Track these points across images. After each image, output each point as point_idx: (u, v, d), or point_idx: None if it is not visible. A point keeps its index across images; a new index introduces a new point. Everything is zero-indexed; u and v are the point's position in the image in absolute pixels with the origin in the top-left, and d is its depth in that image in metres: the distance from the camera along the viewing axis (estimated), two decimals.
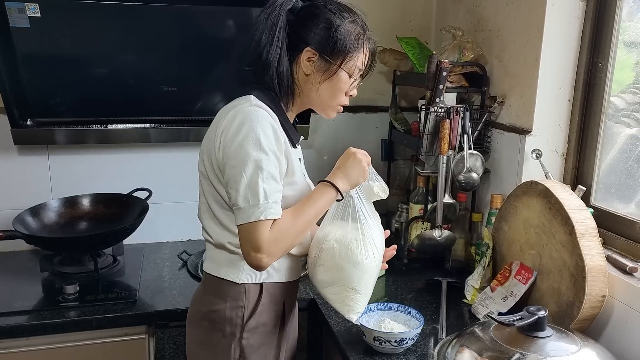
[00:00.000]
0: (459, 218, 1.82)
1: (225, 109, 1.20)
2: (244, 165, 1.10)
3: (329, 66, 1.20)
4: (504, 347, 1.13)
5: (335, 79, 1.22)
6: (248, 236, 1.10)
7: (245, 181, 1.10)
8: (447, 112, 1.70)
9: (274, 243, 1.11)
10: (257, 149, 1.10)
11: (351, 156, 1.24)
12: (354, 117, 2.19)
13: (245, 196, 1.09)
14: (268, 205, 1.10)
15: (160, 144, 2.01)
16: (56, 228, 1.87)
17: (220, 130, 1.15)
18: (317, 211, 1.18)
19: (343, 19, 1.20)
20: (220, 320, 1.23)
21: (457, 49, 1.83)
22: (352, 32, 1.20)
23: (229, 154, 1.12)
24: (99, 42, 1.78)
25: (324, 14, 1.19)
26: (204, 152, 1.21)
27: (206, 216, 1.25)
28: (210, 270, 1.26)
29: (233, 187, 1.11)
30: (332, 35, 1.18)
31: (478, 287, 1.59)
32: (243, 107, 1.16)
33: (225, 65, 1.92)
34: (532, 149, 1.61)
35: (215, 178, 1.19)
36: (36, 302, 1.58)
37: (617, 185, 1.53)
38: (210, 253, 1.27)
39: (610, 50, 1.50)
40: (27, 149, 1.91)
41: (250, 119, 1.13)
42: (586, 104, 1.59)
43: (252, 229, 1.09)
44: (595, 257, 1.27)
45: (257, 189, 1.09)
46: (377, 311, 1.46)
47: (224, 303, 1.23)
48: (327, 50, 1.19)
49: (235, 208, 1.12)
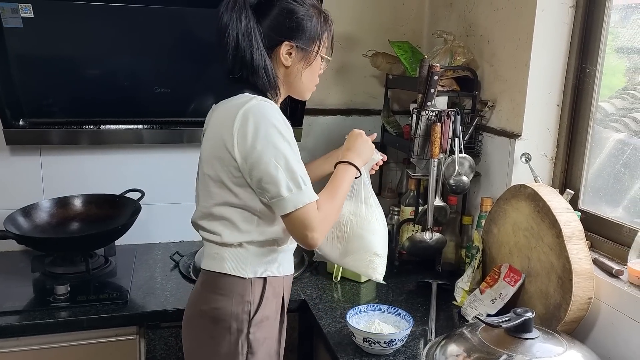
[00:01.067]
0: (450, 221, 1.84)
1: (227, 110, 1.20)
2: (277, 158, 1.14)
3: (307, 54, 1.26)
4: (492, 348, 1.14)
5: (314, 65, 1.29)
6: (301, 220, 1.16)
7: (283, 172, 1.14)
8: (438, 116, 1.72)
9: (323, 222, 1.20)
10: (282, 140, 1.15)
11: (359, 136, 1.37)
12: (347, 120, 2.21)
13: (287, 186, 1.14)
14: (308, 189, 1.18)
15: (153, 145, 2.01)
16: (48, 228, 1.86)
17: (235, 131, 1.15)
18: (345, 189, 1.29)
19: (307, 7, 1.24)
20: (225, 317, 1.23)
21: (448, 53, 1.85)
22: (319, 16, 1.26)
23: (256, 153, 1.14)
24: (92, 43, 1.79)
25: (294, 7, 1.22)
26: (212, 156, 1.21)
27: (210, 218, 1.25)
28: (214, 268, 1.25)
29: (270, 182, 1.14)
30: (306, 25, 1.23)
31: (467, 289, 1.60)
32: (251, 104, 1.17)
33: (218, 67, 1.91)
34: (522, 152, 1.63)
35: (230, 180, 1.20)
36: (27, 302, 1.58)
37: (604, 190, 1.55)
38: (213, 251, 1.26)
39: (598, 56, 1.52)
40: (19, 149, 1.91)
41: (265, 113, 1.16)
42: (575, 108, 1.61)
43: (303, 213, 1.16)
44: (581, 260, 1.29)
45: (296, 176, 1.15)
46: (367, 312, 1.47)
47: (229, 299, 1.23)
48: (303, 41, 1.24)
49: (277, 200, 1.15)
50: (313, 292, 1.70)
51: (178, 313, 1.53)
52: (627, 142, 1.51)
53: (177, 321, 1.48)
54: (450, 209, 1.81)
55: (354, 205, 1.44)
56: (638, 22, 1.50)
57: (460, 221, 1.87)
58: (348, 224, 1.42)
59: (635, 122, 1.51)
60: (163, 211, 2.07)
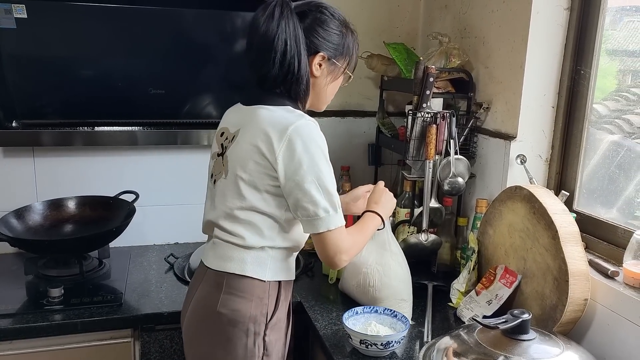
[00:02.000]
0: (445, 222, 1.84)
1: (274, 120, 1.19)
2: (319, 180, 1.18)
3: (336, 68, 1.30)
4: (488, 349, 1.14)
5: (339, 80, 1.34)
6: (334, 241, 1.21)
7: (323, 194, 1.18)
8: (433, 118, 1.72)
9: (353, 247, 1.27)
10: (326, 163, 1.20)
11: (383, 191, 1.45)
12: (342, 122, 2.21)
13: (325, 207, 1.18)
14: (340, 213, 1.22)
15: (148, 147, 2.00)
16: (41, 231, 1.85)
17: (281, 146, 1.16)
18: (370, 233, 1.38)
19: (341, 21, 1.29)
20: (243, 320, 1.22)
21: (443, 55, 1.85)
22: (351, 37, 1.31)
23: (302, 173, 1.16)
24: (86, 43, 1.78)
25: (332, 21, 1.26)
26: (249, 159, 1.20)
27: (234, 220, 1.24)
28: (232, 269, 1.24)
29: (310, 202, 1.18)
30: (342, 42, 1.28)
31: (463, 291, 1.60)
32: (301, 123, 1.18)
33: (213, 69, 1.92)
34: (517, 154, 1.63)
35: (263, 187, 1.21)
36: (20, 305, 1.57)
37: (599, 191, 1.56)
38: (232, 252, 1.25)
39: (592, 58, 1.53)
40: (12, 150, 1.89)
41: (313, 136, 1.19)
42: (569, 110, 1.62)
43: (336, 234, 1.21)
44: (577, 261, 1.30)
45: (333, 199, 1.20)
46: (364, 314, 1.47)
47: (249, 302, 1.23)
48: (334, 54, 1.28)
49: (314, 219, 1.19)
50: (309, 294, 1.70)
51: (173, 315, 1.52)
52: (621, 143, 1.52)
53: (172, 324, 1.47)
54: (445, 210, 1.81)
55: (378, 254, 1.57)
56: (630, 25, 1.51)
57: (455, 222, 1.87)
58: (376, 275, 1.55)
59: (629, 124, 1.51)
60: (157, 213, 2.06)
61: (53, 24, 1.73)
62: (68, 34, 1.76)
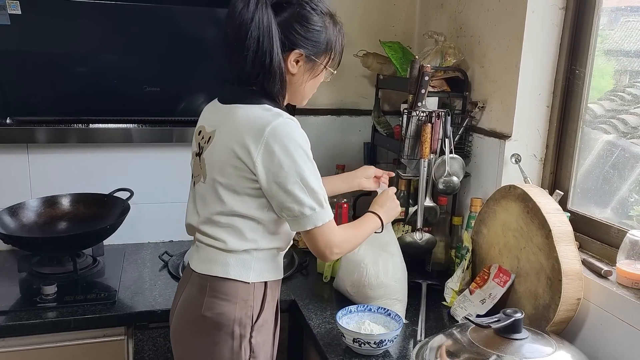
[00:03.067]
0: (440, 221, 1.84)
1: (250, 122, 1.15)
2: (302, 179, 1.15)
3: (315, 65, 1.24)
4: (481, 348, 1.14)
5: (319, 77, 1.28)
6: (322, 237, 1.20)
7: (306, 192, 1.16)
8: (428, 116, 1.72)
9: (346, 241, 1.26)
10: (307, 160, 1.17)
11: (391, 197, 1.45)
12: (337, 120, 2.20)
13: (310, 205, 1.16)
14: (327, 207, 1.20)
15: (143, 144, 2.00)
16: (35, 228, 1.84)
17: (259, 147, 1.12)
18: (366, 232, 1.36)
19: (326, 20, 1.23)
20: (228, 323, 1.21)
21: (439, 54, 1.85)
22: (335, 31, 1.25)
23: (283, 174, 1.14)
24: (80, 40, 1.78)
25: (311, 15, 1.19)
26: (227, 164, 1.17)
27: (215, 224, 1.22)
28: (216, 272, 1.22)
29: (294, 202, 1.16)
30: (319, 37, 1.21)
31: (457, 290, 1.60)
32: (278, 122, 1.14)
33: (208, 66, 1.92)
34: (512, 153, 1.63)
35: (242, 191, 1.18)
36: (13, 302, 1.56)
37: (593, 190, 1.56)
38: (214, 256, 1.23)
39: (587, 58, 1.53)
40: (6, 147, 1.88)
41: (292, 135, 1.15)
42: (564, 110, 1.62)
43: (325, 230, 1.20)
44: (571, 261, 1.30)
45: (318, 196, 1.18)
46: (357, 313, 1.47)
47: (233, 304, 1.21)
48: (313, 51, 1.22)
49: (300, 217, 1.17)
50: (303, 293, 1.70)
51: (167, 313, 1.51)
52: (616, 143, 1.52)
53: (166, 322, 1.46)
54: (440, 209, 1.81)
55: (376, 253, 1.58)
56: (626, 25, 1.51)
57: (450, 221, 1.87)
58: (372, 273, 1.56)
59: (624, 124, 1.52)
60: (152, 211, 2.05)
61: (47, 20, 1.72)
62: (62, 31, 1.75)
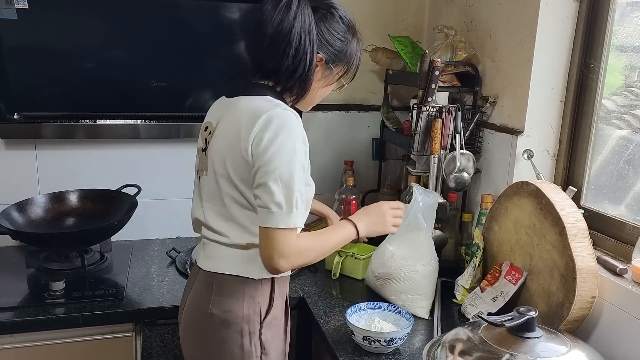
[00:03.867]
0: (450, 218, 1.82)
1: (250, 112, 1.14)
2: (281, 171, 1.10)
3: (331, 74, 1.25)
4: (494, 347, 1.12)
5: (331, 85, 1.29)
6: (276, 241, 1.11)
7: (281, 187, 1.10)
8: (439, 112, 1.70)
9: (298, 255, 1.14)
10: (294, 156, 1.12)
11: (379, 211, 1.32)
12: (346, 116, 2.18)
13: (278, 202, 1.10)
14: (299, 214, 1.12)
15: (150, 140, 1.99)
16: (43, 224, 1.84)
17: (252, 135, 1.11)
18: (334, 244, 1.25)
19: (349, 27, 1.23)
20: (236, 320, 1.19)
21: (449, 48, 1.83)
22: (356, 46, 1.26)
23: (266, 158, 1.10)
24: (88, 35, 1.76)
25: (338, 24, 1.21)
26: (226, 154, 1.17)
27: (218, 217, 1.21)
28: (224, 270, 1.21)
29: (266, 191, 1.10)
30: (343, 48, 1.22)
31: (468, 287, 1.58)
32: (275, 112, 1.12)
33: (216, 61, 1.90)
34: (524, 149, 1.61)
35: (240, 181, 1.16)
36: (21, 298, 1.56)
37: (607, 187, 1.54)
38: (220, 252, 1.22)
39: (602, 52, 1.50)
40: (14, 143, 1.88)
41: (287, 125, 1.12)
42: (578, 105, 1.59)
43: (282, 235, 1.11)
44: (585, 258, 1.27)
45: (292, 196, 1.11)
46: (367, 310, 1.45)
47: (240, 301, 1.20)
48: (334, 60, 1.23)
49: (265, 210, 1.11)
50: (312, 290, 1.68)
51: (175, 310, 1.50)
52: (630, 139, 1.49)
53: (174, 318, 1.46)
54: (450, 206, 1.79)
55: (404, 247, 1.57)
56: (636, 20, 1.48)
57: (460, 218, 1.85)
58: (398, 267, 1.55)
59: (637, 120, 1.49)
60: (160, 207, 2.04)
61: (54, 15, 1.71)
62: (69, 25, 1.74)
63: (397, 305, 1.47)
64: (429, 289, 1.56)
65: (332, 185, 2.18)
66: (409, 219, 1.59)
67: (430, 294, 1.57)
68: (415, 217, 1.58)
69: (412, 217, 1.58)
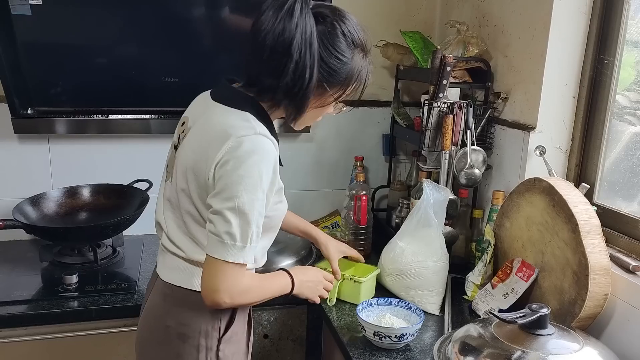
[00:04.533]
0: (460, 214, 1.81)
1: (221, 128, 1.07)
2: (241, 201, 1.02)
3: (325, 94, 1.14)
4: (505, 344, 1.12)
5: (326, 107, 1.18)
6: (224, 274, 1.04)
7: (238, 219, 1.03)
8: (450, 108, 1.69)
9: (242, 293, 1.09)
10: (259, 188, 1.04)
11: (314, 277, 1.32)
12: (356, 112, 2.18)
13: (232, 234, 1.03)
14: (251, 250, 1.06)
15: (161, 135, 1.99)
16: (56, 218, 1.86)
17: (219, 156, 1.04)
18: (274, 290, 1.20)
19: (355, 51, 1.12)
20: (193, 335, 1.14)
21: (461, 44, 1.81)
22: (360, 67, 1.14)
23: (226, 183, 1.03)
24: (100, 31, 1.77)
25: (339, 40, 1.09)
26: (189, 170, 1.10)
27: (176, 229, 1.17)
28: (180, 283, 1.16)
29: (222, 219, 1.03)
30: (342, 69, 1.11)
31: (479, 284, 1.58)
32: (248, 137, 1.04)
33: (228, 57, 1.90)
34: (536, 145, 1.59)
35: (198, 199, 1.10)
36: (35, 291, 1.58)
37: (621, 184, 1.52)
38: (178, 264, 1.17)
39: (617, 47, 1.49)
40: (28, 138, 1.90)
41: (257, 152, 1.04)
42: (591, 101, 1.57)
43: (231, 269, 1.04)
44: (598, 256, 1.27)
45: (249, 231, 1.04)
46: (378, 306, 1.45)
47: (199, 316, 1.14)
48: (328, 80, 1.11)
49: (216, 239, 1.04)
50: None
51: None
52: None
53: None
54: (460, 202, 1.79)
55: (415, 244, 1.57)
56: None
57: (470, 215, 1.85)
58: (409, 263, 1.55)
59: None
60: None
61: (68, 10, 1.72)
62: (82, 21, 1.75)
63: (408, 301, 1.47)
64: (440, 285, 1.56)
65: (343, 181, 2.18)
66: (419, 215, 1.59)
67: (440, 290, 1.56)
68: (426, 213, 1.57)
69: (422, 213, 1.58)
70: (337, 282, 1.53)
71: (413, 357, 1.31)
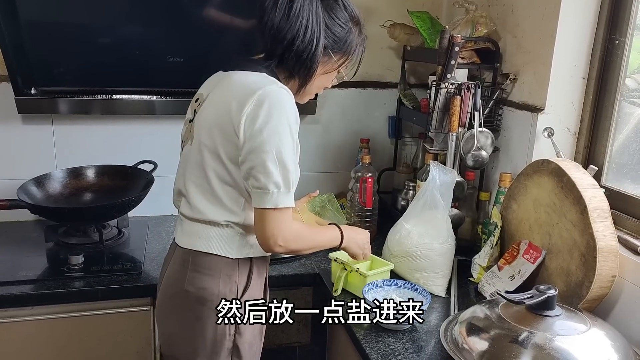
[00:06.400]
0: (467, 196, 1.80)
1: (243, 86, 1.13)
2: (278, 151, 1.09)
3: (330, 61, 1.23)
4: (512, 325, 1.12)
5: (330, 75, 1.27)
6: (275, 223, 1.12)
7: (278, 166, 1.10)
8: (458, 89, 1.67)
9: (295, 237, 1.17)
10: (290, 136, 1.11)
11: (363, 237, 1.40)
12: (362, 93, 2.16)
13: (277, 182, 1.10)
14: (292, 195, 1.14)
15: (166, 116, 1.98)
16: (61, 199, 1.85)
17: (245, 110, 1.09)
18: (321, 241, 1.28)
19: (354, 24, 1.23)
20: (212, 298, 1.18)
21: (469, 23, 1.79)
22: (359, 40, 1.25)
23: (261, 139, 1.08)
24: (105, 9, 1.75)
25: (341, 11, 1.20)
26: (214, 127, 1.14)
27: (198, 191, 1.19)
28: (198, 247, 1.20)
29: (263, 172, 1.09)
30: (344, 36, 1.21)
31: (485, 266, 1.58)
32: (271, 88, 1.11)
33: (232, 37, 1.88)
34: (544, 127, 1.58)
35: (225, 155, 1.14)
36: (41, 271, 1.58)
37: (629, 166, 1.51)
38: (196, 229, 1.21)
39: (628, 27, 1.46)
40: (31, 118, 1.89)
41: (282, 103, 1.11)
42: (601, 82, 1.55)
43: (282, 214, 1.12)
44: (607, 237, 1.26)
45: (288, 176, 1.11)
46: (384, 287, 1.45)
47: (216, 279, 1.19)
48: (335, 48, 1.21)
49: (261, 192, 1.11)
50: (327, 266, 1.68)
51: None
52: None
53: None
54: (467, 184, 1.78)
55: (422, 226, 1.56)
56: None
57: (477, 197, 1.84)
58: (416, 245, 1.55)
59: None
60: None
61: None
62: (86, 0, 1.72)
63: (414, 283, 1.46)
64: (446, 267, 1.55)
65: (349, 163, 2.17)
66: (426, 197, 1.58)
67: (446, 272, 1.56)
68: (432, 195, 1.56)
69: (429, 195, 1.57)
70: (344, 273, 1.51)
71: (419, 339, 1.31)
